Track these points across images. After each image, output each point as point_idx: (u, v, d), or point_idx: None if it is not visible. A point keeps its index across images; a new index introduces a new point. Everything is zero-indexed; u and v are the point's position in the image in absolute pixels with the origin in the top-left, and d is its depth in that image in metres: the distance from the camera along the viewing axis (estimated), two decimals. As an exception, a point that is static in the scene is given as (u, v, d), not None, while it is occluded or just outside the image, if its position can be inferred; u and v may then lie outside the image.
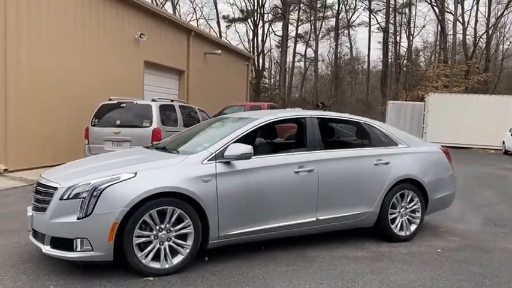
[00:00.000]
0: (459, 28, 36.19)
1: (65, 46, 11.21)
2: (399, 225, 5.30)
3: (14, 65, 9.76)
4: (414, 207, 5.40)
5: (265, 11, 40.96)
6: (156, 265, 3.92)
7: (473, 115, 23.41)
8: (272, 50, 43.71)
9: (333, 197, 4.83)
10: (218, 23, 41.61)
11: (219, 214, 4.16)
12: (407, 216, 5.37)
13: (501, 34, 39.76)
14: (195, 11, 46.39)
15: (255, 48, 41.09)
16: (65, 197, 3.78)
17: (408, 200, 5.35)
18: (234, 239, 4.33)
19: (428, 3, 37.30)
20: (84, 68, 11.84)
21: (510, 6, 34.72)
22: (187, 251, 4.04)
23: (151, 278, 3.86)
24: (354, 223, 5.09)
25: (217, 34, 41.48)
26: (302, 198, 4.65)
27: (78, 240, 3.72)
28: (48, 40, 10.66)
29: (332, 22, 41.59)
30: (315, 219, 4.74)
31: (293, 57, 43.34)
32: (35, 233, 4.05)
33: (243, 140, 4.55)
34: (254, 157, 4.45)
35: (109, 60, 12.83)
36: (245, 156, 4.23)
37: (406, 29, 40.84)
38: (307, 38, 42.05)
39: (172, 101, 10.59)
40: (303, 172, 4.64)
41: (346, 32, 43.04)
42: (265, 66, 43.35)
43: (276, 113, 5.13)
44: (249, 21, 41.44)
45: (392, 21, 40.62)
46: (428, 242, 5.34)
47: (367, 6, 40.22)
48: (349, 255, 4.75)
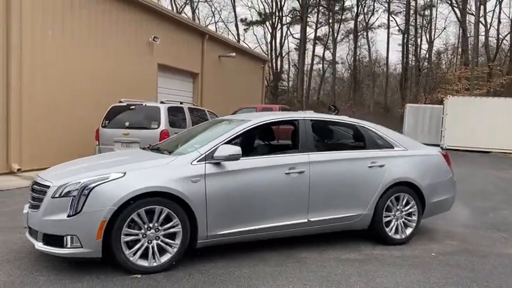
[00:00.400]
0: (481, 30, 35.57)
1: (79, 49, 11.48)
2: (394, 228, 5.27)
3: (29, 68, 10.05)
4: (410, 210, 5.37)
5: (283, 14, 41.06)
6: (144, 263, 4.02)
7: (492, 118, 22.90)
8: (291, 53, 43.74)
9: (325, 199, 4.85)
10: (236, 26, 41.93)
11: (208, 214, 4.23)
12: (403, 219, 5.34)
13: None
14: (214, 15, 46.89)
15: (273, 50, 41.18)
16: (57, 195, 3.91)
17: (404, 203, 5.32)
18: (223, 239, 4.40)
19: (448, 4, 36.72)
20: (98, 71, 12.10)
21: (534, 7, 33.91)
22: (175, 250, 4.12)
23: (138, 276, 3.96)
24: (347, 225, 5.09)
25: (235, 37, 41.75)
26: (293, 199, 4.69)
27: (68, 237, 3.83)
28: (62, 43, 10.94)
29: (351, 24, 41.40)
30: (306, 220, 4.77)
31: (312, 59, 43.28)
32: (30, 230, 4.20)
33: (235, 142, 4.62)
34: (245, 158, 4.53)
35: (123, 63, 13.07)
36: (233, 157, 4.29)
37: (427, 31, 40.31)
38: (325, 41, 41.92)
39: (181, 103, 10.73)
40: (294, 174, 4.67)
41: (365, 35, 42.79)
42: (283, 68, 43.38)
43: (269, 115, 5.18)
44: (267, 24, 41.58)
45: (412, 23, 40.18)
46: (424, 246, 5.30)
47: (386, 8, 39.84)
48: (340, 257, 4.76)
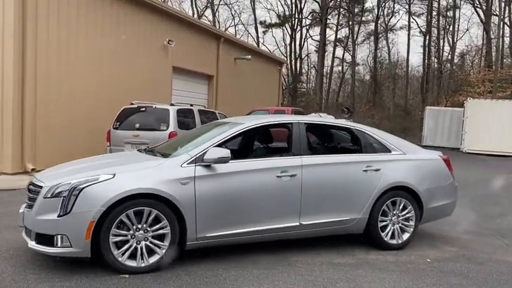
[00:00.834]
0: (505, 31, 34.69)
1: (93, 52, 11.72)
2: (390, 233, 5.21)
3: (44, 71, 10.30)
4: (407, 215, 5.30)
5: (303, 16, 40.94)
6: (133, 263, 4.08)
7: (513, 122, 22.35)
8: (310, 55, 43.58)
9: (318, 202, 4.84)
10: (256, 29, 42.01)
11: (197, 216, 4.27)
12: (399, 224, 5.27)
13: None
14: (233, 18, 47.13)
15: (293, 52, 41.11)
16: (49, 196, 4.02)
17: (401, 208, 5.26)
18: (213, 241, 4.44)
19: (471, 4, 35.98)
20: (112, 73, 12.32)
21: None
22: (163, 251, 4.18)
23: (126, 276, 4.03)
24: (342, 229, 5.06)
25: (254, 40, 41.87)
26: (284, 202, 4.69)
27: (58, 236, 3.93)
28: (76, 45, 11.18)
29: (372, 26, 40.99)
30: (298, 224, 4.76)
31: (332, 61, 42.99)
32: (26, 229, 4.32)
33: (226, 145, 4.65)
34: (236, 161, 4.58)
35: (138, 65, 13.27)
36: (222, 160, 4.33)
37: (449, 33, 39.57)
38: (345, 43, 41.64)
39: (191, 105, 10.84)
40: (286, 177, 4.67)
41: (386, 36, 42.28)
42: (302, 71, 43.26)
43: (262, 119, 5.20)
44: (287, 26, 41.54)
45: (435, 24, 39.53)
46: (421, 252, 5.22)
47: (407, 10, 39.28)
48: (332, 261, 4.73)
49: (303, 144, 4.94)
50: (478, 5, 35.66)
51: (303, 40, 41.76)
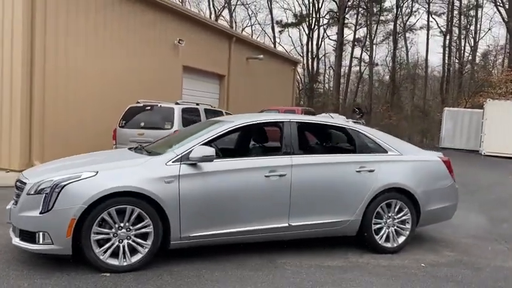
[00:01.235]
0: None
1: (102, 51, 11.79)
2: (385, 236, 5.06)
3: (52, 70, 10.38)
4: (403, 218, 5.13)
5: (320, 15, 40.62)
6: (114, 262, 4.05)
7: (536, 124, 21.70)
8: (327, 54, 43.20)
9: (307, 203, 4.72)
10: (273, 29, 41.88)
11: (181, 215, 4.21)
12: (395, 227, 5.12)
13: None
14: (250, 18, 47.11)
15: (309, 52, 40.83)
16: (32, 192, 4.01)
17: (396, 210, 5.10)
18: (198, 241, 4.37)
19: (493, 3, 35.12)
20: (121, 72, 12.38)
21: None
22: (146, 250, 4.13)
23: (108, 274, 3.99)
24: (333, 231, 4.93)
25: (271, 39, 41.75)
26: (272, 203, 4.59)
27: (40, 233, 3.92)
28: (85, 45, 11.27)
29: (391, 26, 40.38)
30: (287, 225, 4.66)
31: (350, 62, 42.53)
32: (13, 225, 4.33)
33: (217, 143, 4.59)
34: (223, 160, 4.53)
35: (147, 64, 13.31)
36: (207, 158, 4.26)
37: (470, 32, 38.72)
38: (364, 43, 41.13)
39: (197, 105, 10.82)
40: (274, 176, 4.57)
41: (407, 36, 41.61)
42: (319, 71, 42.89)
43: (253, 117, 5.10)
44: (304, 25, 41.28)
45: (456, 24, 38.74)
46: (417, 256, 5.06)
47: (426, 9, 38.60)
48: (322, 264, 4.61)
49: (294, 143, 4.83)
50: (500, 4, 34.78)
51: (320, 40, 41.47)
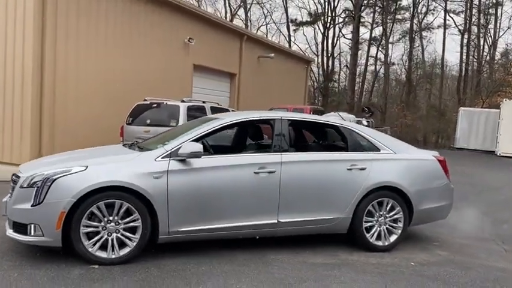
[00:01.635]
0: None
1: (112, 49, 11.94)
2: (376, 234, 5.06)
3: (62, 66, 10.58)
4: (395, 216, 5.13)
5: (336, 14, 40.38)
6: (103, 254, 4.15)
7: (554, 124, 21.24)
8: (343, 53, 42.92)
9: (297, 200, 4.75)
10: (288, 27, 41.75)
11: (169, 210, 4.29)
12: (386, 225, 5.11)
13: None
14: (265, 17, 47.07)
15: (325, 51, 40.63)
16: (24, 185, 4.14)
17: (388, 209, 5.09)
18: (186, 236, 4.44)
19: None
20: (131, 70, 12.52)
21: None
22: (134, 244, 4.22)
23: (96, 266, 4.09)
24: (323, 228, 4.95)
25: (286, 38, 41.68)
26: (261, 199, 4.63)
27: (31, 225, 4.04)
28: (96, 43, 11.43)
29: (408, 24, 39.89)
30: (276, 221, 4.70)
31: (366, 60, 42.15)
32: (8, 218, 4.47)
33: (204, 140, 4.65)
34: (213, 156, 4.60)
35: (157, 63, 13.44)
36: (195, 154, 4.33)
37: (488, 31, 38.02)
38: (380, 41, 40.72)
39: (204, 103, 10.91)
40: (263, 173, 4.62)
41: (424, 35, 41.07)
42: (334, 70, 42.66)
43: (245, 114, 5.15)
44: (319, 24, 41.09)
45: (474, 22, 38.07)
46: (408, 254, 5.05)
47: (443, 7, 38.00)
48: (309, 260, 4.64)
49: (284, 140, 4.86)
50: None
51: (336, 39, 41.21)
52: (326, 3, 40.35)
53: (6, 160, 10.23)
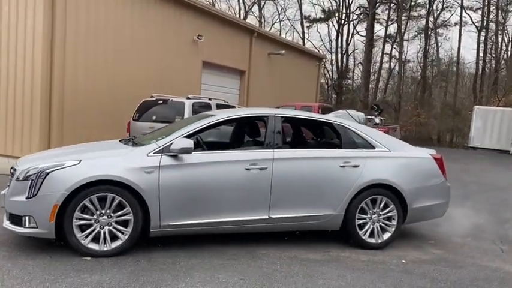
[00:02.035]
0: None
1: (121, 45, 12.08)
2: (369, 231, 5.07)
3: (72, 61, 10.76)
4: (389, 214, 5.12)
5: (350, 11, 40.07)
6: (95, 247, 4.25)
7: None
8: (357, 51, 42.60)
9: (289, 197, 4.79)
10: (302, 24, 41.61)
11: (161, 204, 4.37)
12: (380, 223, 5.11)
13: None
14: (279, 13, 47.04)
15: (339, 48, 40.39)
16: (20, 178, 4.26)
17: (382, 206, 5.09)
18: (177, 230, 4.52)
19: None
20: (140, 67, 12.65)
21: None
22: (126, 237, 4.32)
23: (88, 258, 4.20)
24: (315, 225, 4.98)
25: (300, 35, 41.56)
26: (252, 195, 4.68)
27: (26, 217, 4.16)
28: (104, 38, 11.58)
29: (423, 21, 39.38)
30: (267, 217, 4.74)
31: (381, 58, 41.83)
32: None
33: (197, 136, 4.72)
34: (205, 152, 4.68)
35: (166, 59, 13.56)
36: (185, 150, 4.40)
37: (506, 28, 37.31)
38: (395, 39, 40.29)
39: (210, 99, 10.99)
40: (255, 169, 4.66)
41: (440, 32, 40.49)
42: (348, 67, 42.36)
43: (240, 111, 5.20)
44: (334, 20, 40.84)
45: (493, 19, 37.39)
46: (400, 252, 5.05)
47: (459, 4, 37.39)
48: (300, 256, 4.68)
49: (277, 137, 4.90)
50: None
51: (350, 36, 40.92)
52: (340, 0, 40.10)
53: (16, 154, 10.43)
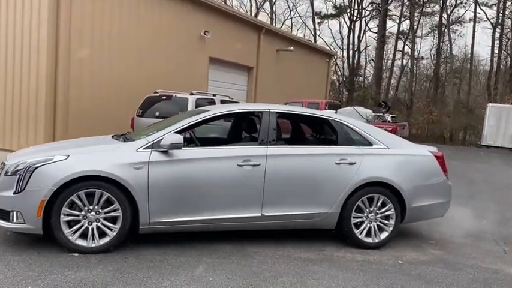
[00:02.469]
0: None
1: (127, 41, 12.06)
2: (366, 230, 4.94)
3: (77, 58, 10.76)
4: (387, 213, 4.98)
5: (362, 7, 39.62)
6: (83, 243, 4.19)
7: None
8: (369, 47, 42.14)
9: (282, 194, 4.67)
10: (313, 21, 41.27)
11: (150, 201, 4.29)
12: (377, 222, 4.98)
13: None
14: (290, 10, 46.72)
15: (350, 45, 39.99)
16: (9, 173, 4.22)
17: (379, 205, 4.95)
18: (167, 227, 4.44)
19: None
20: (146, 63, 12.62)
21: None
22: (114, 234, 4.25)
23: (76, 254, 4.14)
24: (310, 223, 4.86)
25: (311, 32, 41.27)
26: (245, 192, 4.58)
27: (14, 212, 4.12)
28: (110, 35, 11.56)
29: (436, 18, 38.78)
30: (260, 215, 4.64)
31: (393, 55, 41.28)
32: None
33: (189, 132, 4.63)
34: (196, 148, 4.61)
35: (173, 56, 13.51)
36: (175, 145, 4.32)
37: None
38: (407, 35, 39.75)
39: (214, 95, 10.91)
40: (248, 166, 4.56)
41: (454, 28, 39.82)
42: (360, 64, 41.94)
43: (234, 107, 5.10)
44: (345, 17, 40.45)
45: (508, 15, 36.63)
46: (398, 252, 4.91)
47: (474, 0, 36.66)
48: (293, 255, 4.57)
49: (271, 133, 4.79)
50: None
51: (362, 32, 40.48)
52: (352, -4, 39.67)
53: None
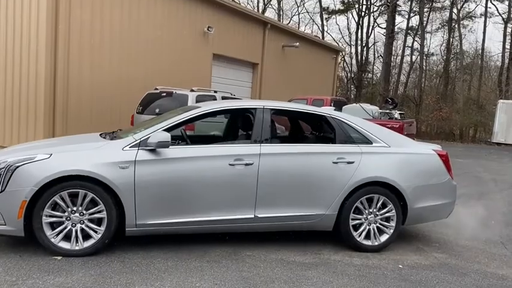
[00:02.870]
0: None
1: (129, 37, 11.91)
2: (364, 233, 4.70)
3: (76, 55, 10.63)
4: (387, 214, 4.74)
5: (371, 3, 39.13)
6: (66, 245, 4.02)
7: None
8: (378, 43, 41.64)
9: (276, 195, 4.46)
10: (321, 17, 40.88)
11: (137, 202, 4.10)
12: (377, 224, 4.74)
13: None
14: (298, 6, 46.24)
15: (359, 41, 39.55)
16: (-11, 173, 4.05)
17: (379, 206, 4.72)
18: (155, 229, 4.24)
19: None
20: (148, 59, 12.48)
21: None
22: (99, 236, 4.07)
23: (59, 258, 3.97)
24: (306, 225, 4.64)
25: (319, 28, 40.88)
26: (237, 192, 4.37)
27: (-6, 214, 3.96)
28: (111, 30, 11.42)
29: (446, 13, 38.14)
30: (253, 216, 4.43)
31: (402, 51, 40.74)
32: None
33: (178, 129, 4.43)
34: (186, 146, 4.42)
35: (176, 51, 13.35)
36: (162, 144, 4.12)
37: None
38: (416, 31, 39.18)
39: (215, 92, 10.72)
40: (240, 165, 4.35)
41: (464, 24, 39.19)
42: (368, 60, 41.47)
43: (227, 103, 4.89)
44: (353, 12, 40.01)
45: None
46: (399, 256, 4.67)
47: (485, -6, 36.00)
48: (287, 259, 4.35)
49: (265, 131, 4.57)
50: None
51: (370, 28, 40.01)
52: (361, -9, 39.19)
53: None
